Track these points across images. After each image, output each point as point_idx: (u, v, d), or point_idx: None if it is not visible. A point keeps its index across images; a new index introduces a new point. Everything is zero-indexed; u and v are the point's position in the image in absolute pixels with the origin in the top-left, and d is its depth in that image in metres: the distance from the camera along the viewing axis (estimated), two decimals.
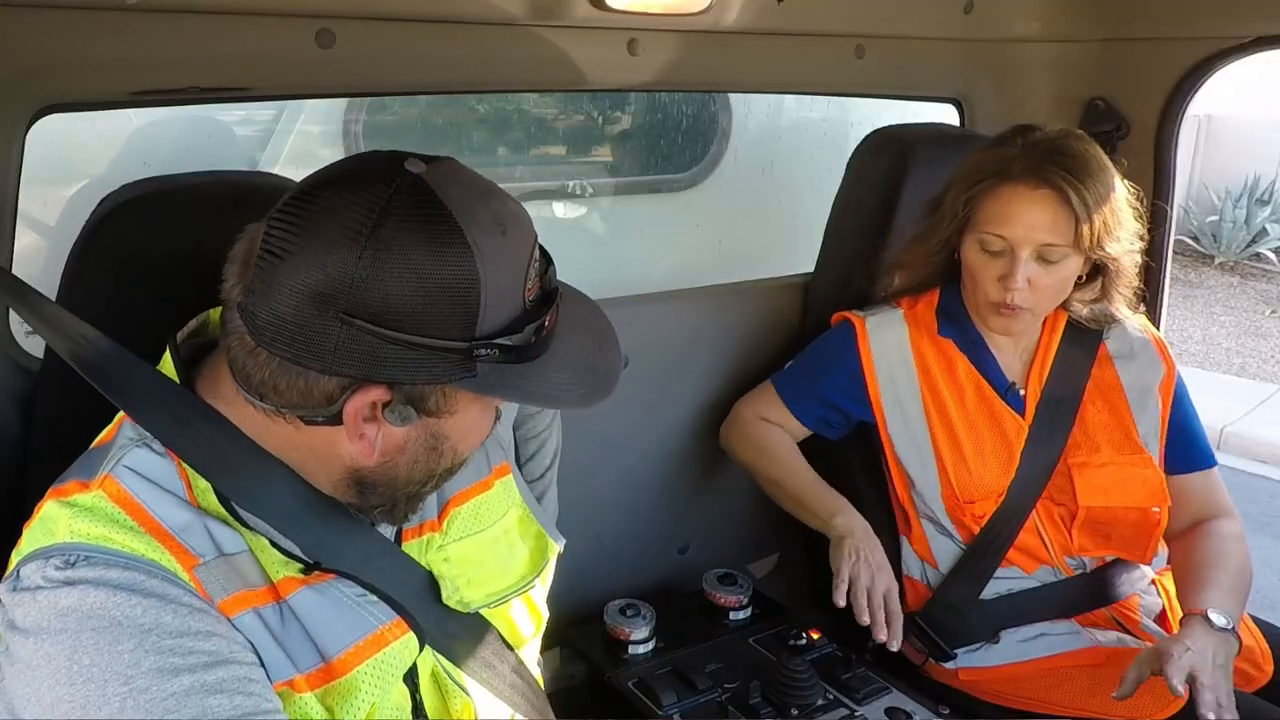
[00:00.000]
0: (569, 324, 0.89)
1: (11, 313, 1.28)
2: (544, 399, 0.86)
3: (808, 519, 1.62)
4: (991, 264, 1.49)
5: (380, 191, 0.77)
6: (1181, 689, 1.29)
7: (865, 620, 1.47)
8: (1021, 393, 1.60)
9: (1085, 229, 1.41)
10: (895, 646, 1.48)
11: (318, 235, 0.77)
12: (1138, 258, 1.53)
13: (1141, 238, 1.52)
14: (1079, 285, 1.54)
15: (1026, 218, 1.44)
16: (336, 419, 0.82)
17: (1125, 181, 1.49)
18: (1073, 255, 1.45)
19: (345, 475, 0.88)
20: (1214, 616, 1.40)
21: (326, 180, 0.81)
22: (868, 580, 1.49)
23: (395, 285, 0.76)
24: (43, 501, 0.85)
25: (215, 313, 0.96)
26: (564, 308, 0.89)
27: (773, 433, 1.71)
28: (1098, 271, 1.53)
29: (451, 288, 0.77)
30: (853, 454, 1.71)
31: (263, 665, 0.84)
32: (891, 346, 1.61)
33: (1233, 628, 1.40)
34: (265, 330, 0.79)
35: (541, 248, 0.88)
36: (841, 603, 1.48)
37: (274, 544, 0.88)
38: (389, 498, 0.90)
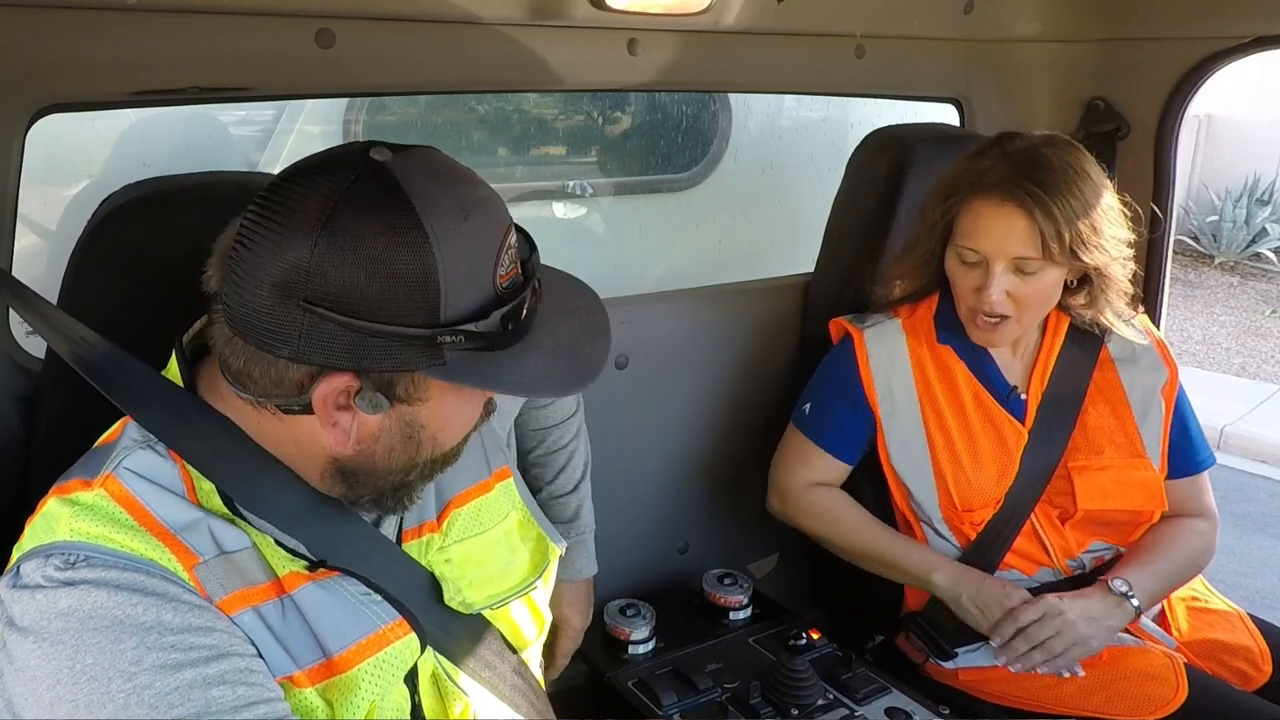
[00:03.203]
0: (558, 311, 0.88)
1: (12, 313, 1.28)
2: (515, 387, 0.85)
3: (901, 580, 1.60)
4: (969, 275, 1.49)
5: (340, 180, 0.78)
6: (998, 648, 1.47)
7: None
8: (1023, 397, 1.59)
9: (1054, 242, 1.40)
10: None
11: (279, 225, 0.77)
12: (1129, 265, 1.51)
13: (1131, 244, 1.50)
14: (1070, 291, 1.53)
15: (996, 231, 1.43)
16: (311, 408, 0.82)
17: (1119, 193, 1.49)
18: (1050, 266, 1.44)
19: (328, 466, 0.88)
20: (1113, 583, 1.50)
21: (295, 171, 0.82)
22: (1016, 627, 1.48)
23: (351, 272, 0.76)
24: (45, 499, 0.85)
25: None
26: (556, 295, 0.89)
27: (830, 498, 1.65)
28: (1088, 279, 1.52)
29: (407, 274, 0.77)
30: None
31: (263, 660, 0.84)
32: (889, 358, 1.60)
33: (1131, 595, 1.49)
34: (239, 319, 0.80)
35: (525, 234, 0.87)
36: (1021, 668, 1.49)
37: (278, 542, 0.88)
38: (374, 488, 0.89)
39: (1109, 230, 1.45)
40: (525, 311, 0.84)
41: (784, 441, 1.72)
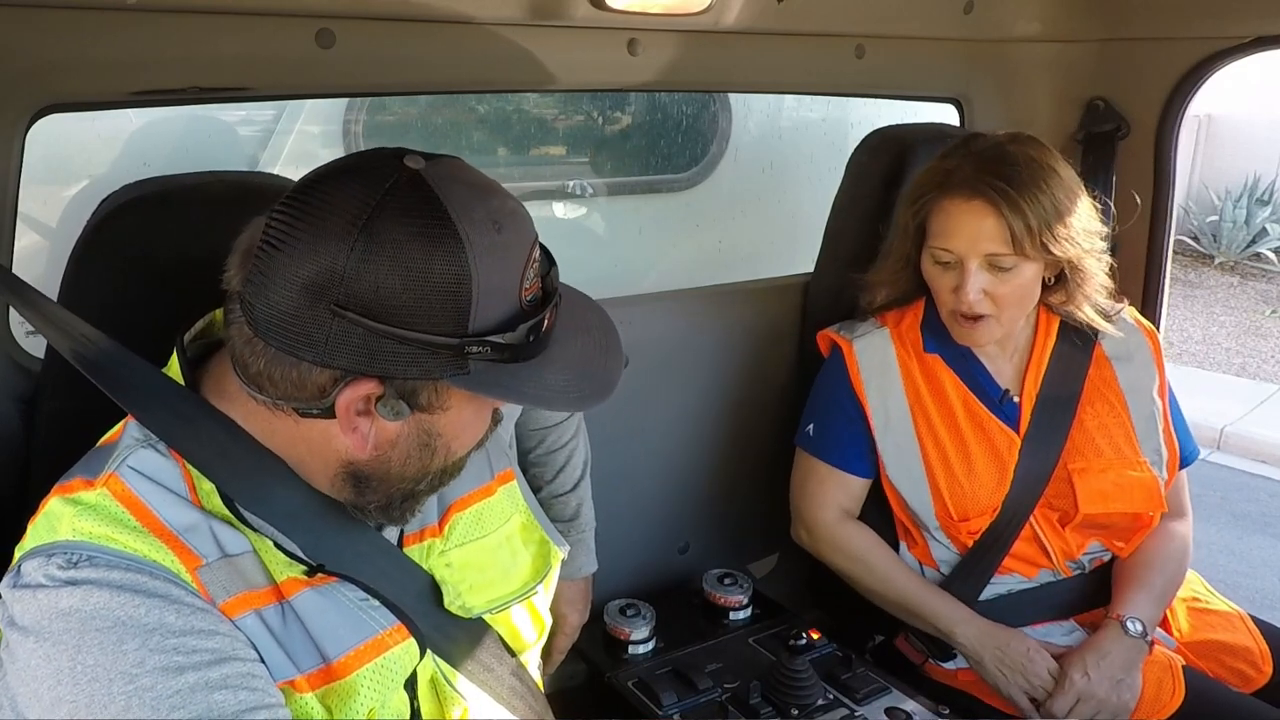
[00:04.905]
0: (572, 327, 0.89)
1: (12, 313, 1.28)
2: (537, 400, 0.86)
3: (922, 627, 1.58)
4: (945, 276, 1.49)
5: (377, 185, 0.78)
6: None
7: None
8: (1016, 400, 1.58)
9: (1024, 236, 1.40)
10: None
11: (313, 227, 0.77)
12: (1104, 258, 1.51)
13: (1105, 238, 1.50)
14: (1049, 290, 1.53)
15: (967, 230, 1.43)
16: (330, 412, 0.82)
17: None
18: (1025, 262, 1.44)
19: (341, 470, 0.88)
20: (1130, 625, 1.49)
21: (327, 174, 0.82)
22: (1029, 688, 1.49)
23: (386, 278, 0.76)
24: (47, 498, 0.85)
25: (220, 313, 0.96)
26: (570, 311, 0.89)
27: (862, 538, 1.62)
28: (1064, 274, 1.51)
29: (442, 282, 0.77)
30: None
31: (264, 665, 0.84)
32: (881, 369, 1.59)
33: (1145, 633, 1.50)
34: (262, 320, 0.79)
35: (544, 249, 0.88)
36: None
37: (278, 545, 0.88)
38: (384, 494, 0.90)
39: (1078, 224, 1.45)
40: (546, 326, 0.84)
41: (796, 468, 1.69)
